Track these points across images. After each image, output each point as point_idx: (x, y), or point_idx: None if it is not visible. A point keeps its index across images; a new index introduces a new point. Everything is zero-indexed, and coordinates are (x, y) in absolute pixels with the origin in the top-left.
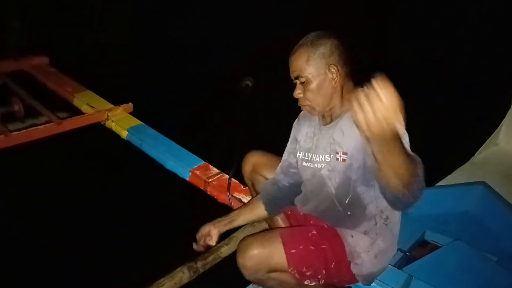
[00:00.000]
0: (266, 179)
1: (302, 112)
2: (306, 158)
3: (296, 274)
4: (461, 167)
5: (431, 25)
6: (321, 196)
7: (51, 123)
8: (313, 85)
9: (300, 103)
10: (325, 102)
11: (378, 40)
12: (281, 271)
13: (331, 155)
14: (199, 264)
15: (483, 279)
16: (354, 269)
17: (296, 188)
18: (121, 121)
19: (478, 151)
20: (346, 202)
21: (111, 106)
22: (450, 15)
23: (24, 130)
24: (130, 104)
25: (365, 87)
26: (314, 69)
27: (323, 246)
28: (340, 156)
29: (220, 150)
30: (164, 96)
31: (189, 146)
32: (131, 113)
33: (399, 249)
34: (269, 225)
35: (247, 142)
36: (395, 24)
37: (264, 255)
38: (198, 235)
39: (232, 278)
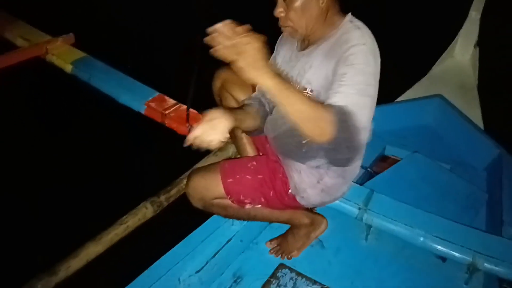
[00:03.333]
0: (234, 98)
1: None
2: None
3: (234, 201)
4: (419, 81)
5: None
6: (282, 127)
7: None
8: (297, 3)
9: (281, 23)
10: (309, 24)
11: None
12: (223, 198)
13: (299, 88)
14: (162, 198)
15: (439, 186)
16: (301, 201)
17: None
18: (63, 54)
19: (435, 65)
20: (304, 142)
21: (48, 37)
22: None
23: None
24: (71, 34)
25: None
26: None
27: (260, 176)
28: (307, 93)
29: (175, 79)
30: (108, 25)
31: (141, 78)
32: (72, 45)
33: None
34: (236, 148)
35: (204, 68)
36: None
37: (204, 185)
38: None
39: (197, 210)
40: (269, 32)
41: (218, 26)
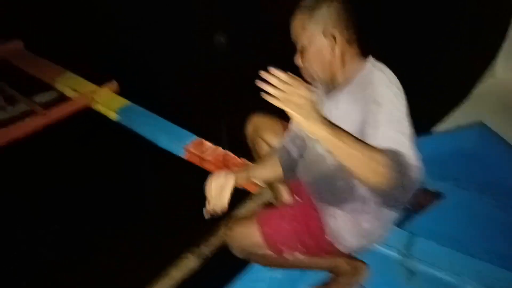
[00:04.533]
0: (267, 143)
1: None
2: None
3: (272, 250)
4: (461, 104)
5: None
6: (316, 171)
7: (36, 116)
8: (309, 53)
9: (301, 71)
10: (324, 71)
11: None
12: (262, 246)
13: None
14: (203, 247)
15: (486, 224)
16: (339, 246)
17: None
18: (108, 102)
19: (476, 86)
20: (337, 184)
21: (94, 87)
22: None
23: (9, 127)
24: (115, 82)
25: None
26: (309, 35)
27: (295, 223)
28: None
29: (213, 123)
30: (150, 72)
31: (181, 122)
32: (116, 93)
33: None
34: (272, 193)
35: (243, 110)
36: None
37: (243, 235)
38: (210, 192)
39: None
40: None
41: (275, 71)
